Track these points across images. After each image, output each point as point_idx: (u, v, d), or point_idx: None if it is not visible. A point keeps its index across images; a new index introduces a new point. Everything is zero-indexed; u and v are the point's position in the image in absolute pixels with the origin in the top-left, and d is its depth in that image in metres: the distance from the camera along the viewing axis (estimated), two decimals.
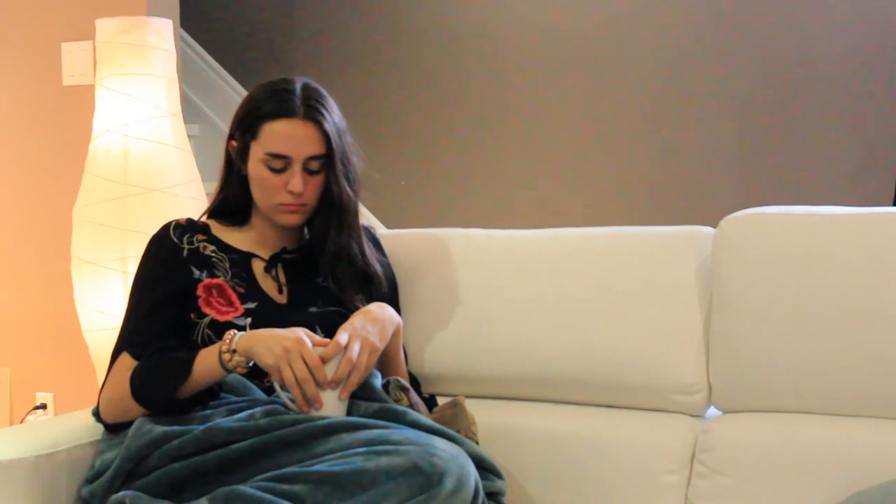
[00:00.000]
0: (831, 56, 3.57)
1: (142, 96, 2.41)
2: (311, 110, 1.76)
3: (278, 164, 1.77)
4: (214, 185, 1.92)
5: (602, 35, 3.85)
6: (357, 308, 1.76)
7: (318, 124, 1.76)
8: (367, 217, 3.50)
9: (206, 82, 4.01)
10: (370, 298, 1.82)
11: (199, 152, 2.62)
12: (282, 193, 1.78)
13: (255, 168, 1.79)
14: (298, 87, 1.78)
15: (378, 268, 1.87)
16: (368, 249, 1.87)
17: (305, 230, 1.88)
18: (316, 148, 1.76)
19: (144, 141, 2.40)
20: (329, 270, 1.82)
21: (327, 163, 1.78)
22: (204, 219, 1.90)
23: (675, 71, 3.76)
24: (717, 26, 3.72)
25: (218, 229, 1.87)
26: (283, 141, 1.76)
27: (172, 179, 2.42)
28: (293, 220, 1.81)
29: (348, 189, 1.80)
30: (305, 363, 1.56)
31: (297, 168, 1.76)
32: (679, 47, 3.75)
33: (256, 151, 1.79)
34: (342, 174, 1.78)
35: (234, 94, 4.01)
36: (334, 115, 1.79)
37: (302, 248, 1.88)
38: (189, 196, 2.43)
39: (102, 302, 2.41)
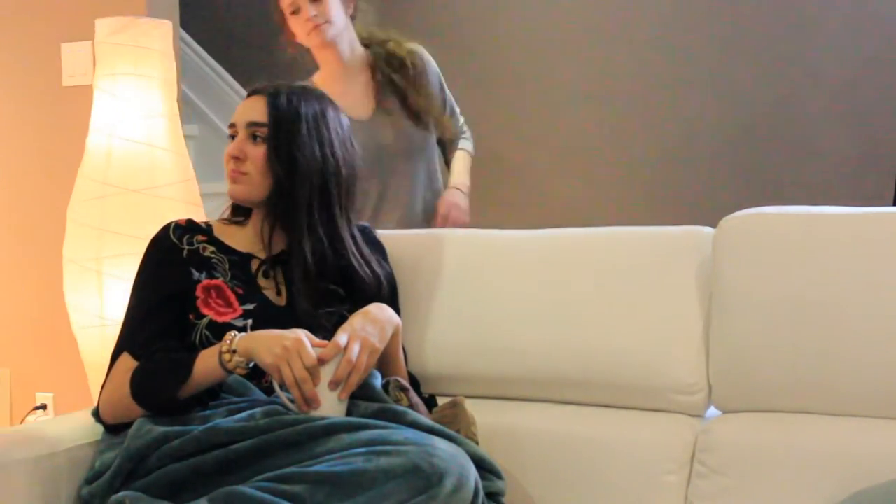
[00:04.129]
0: (832, 56, 3.57)
1: (137, 97, 2.40)
2: (272, 90, 1.81)
3: (231, 133, 1.81)
4: (215, 186, 1.92)
5: (602, 35, 3.85)
6: (346, 315, 1.73)
7: (269, 97, 1.79)
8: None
9: (206, 82, 4.02)
10: (355, 302, 1.79)
11: (198, 153, 2.62)
12: (229, 162, 1.81)
13: None
14: (280, 82, 1.83)
15: (360, 264, 1.84)
16: (355, 250, 1.84)
17: None
18: (258, 115, 1.79)
19: (129, 141, 2.38)
20: (298, 280, 1.78)
21: (270, 134, 1.78)
22: (207, 219, 1.90)
23: (675, 71, 3.76)
24: (718, 27, 3.72)
25: (220, 229, 1.86)
26: (236, 112, 1.82)
27: (155, 180, 2.40)
28: (233, 190, 1.82)
29: (286, 169, 1.76)
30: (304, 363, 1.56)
31: (242, 135, 1.80)
32: (680, 47, 3.75)
33: None
34: (284, 152, 1.76)
35: (235, 94, 4.00)
36: (302, 107, 1.79)
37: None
38: (173, 198, 2.40)
39: (83, 300, 2.41)
